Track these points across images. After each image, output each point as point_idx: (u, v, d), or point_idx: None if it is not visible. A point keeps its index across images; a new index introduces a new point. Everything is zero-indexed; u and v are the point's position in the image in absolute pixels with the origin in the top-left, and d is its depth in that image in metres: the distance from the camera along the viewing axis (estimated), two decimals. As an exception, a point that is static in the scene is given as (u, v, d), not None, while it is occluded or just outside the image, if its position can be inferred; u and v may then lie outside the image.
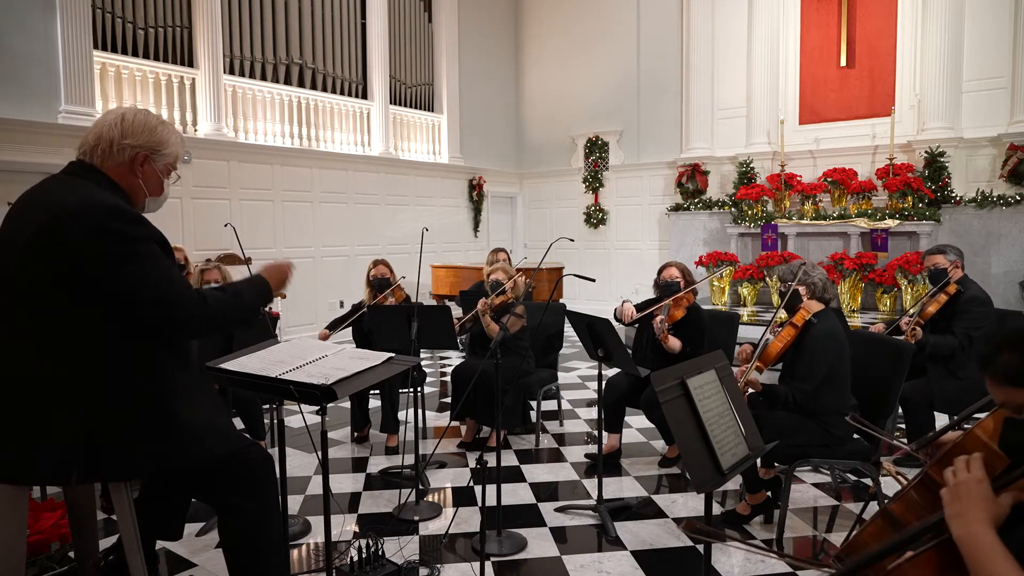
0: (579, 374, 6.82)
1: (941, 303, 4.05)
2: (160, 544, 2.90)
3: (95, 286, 1.71)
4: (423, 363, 5.10)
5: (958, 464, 1.26)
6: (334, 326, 4.72)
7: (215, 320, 1.85)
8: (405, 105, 10.09)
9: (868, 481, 3.69)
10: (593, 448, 4.40)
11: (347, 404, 4.85)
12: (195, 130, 7.48)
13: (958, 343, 3.86)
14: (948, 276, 4.07)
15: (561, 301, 6.28)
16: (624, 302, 4.28)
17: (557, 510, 3.45)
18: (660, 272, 4.29)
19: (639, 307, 4.26)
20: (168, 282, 1.77)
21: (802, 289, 3.25)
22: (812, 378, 3.06)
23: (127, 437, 1.74)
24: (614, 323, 3.55)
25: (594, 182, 10.95)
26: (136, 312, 1.75)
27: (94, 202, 1.74)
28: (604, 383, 3.88)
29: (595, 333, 3.35)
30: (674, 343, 4.00)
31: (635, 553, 2.99)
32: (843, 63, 8.69)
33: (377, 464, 4.20)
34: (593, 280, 3.56)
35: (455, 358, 7.63)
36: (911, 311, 4.22)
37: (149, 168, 1.92)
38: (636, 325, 4.34)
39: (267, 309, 4.65)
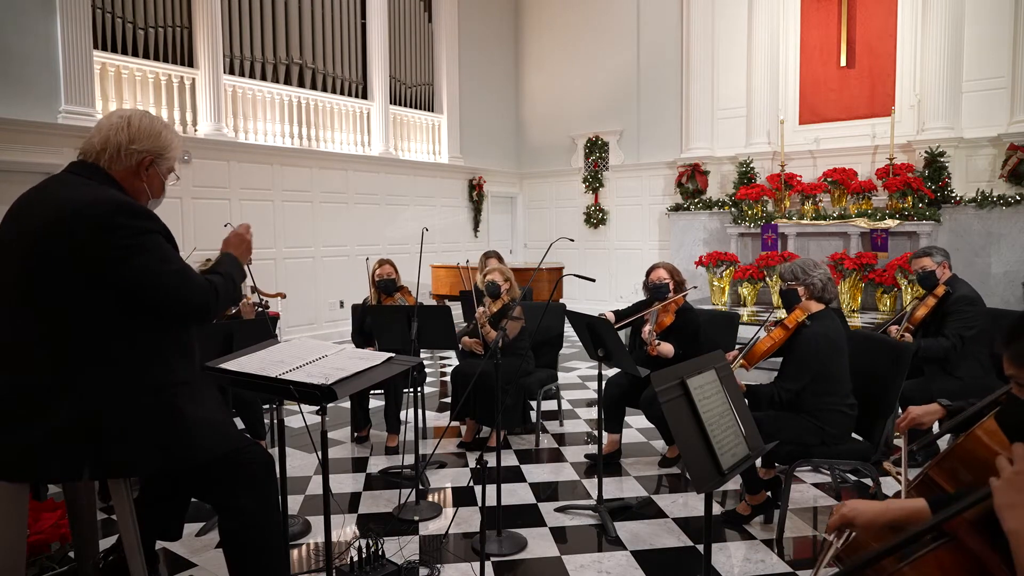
0: (579, 374, 6.82)
1: (930, 306, 4.02)
2: (160, 544, 2.89)
3: (106, 281, 1.73)
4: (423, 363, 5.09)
5: (1017, 451, 1.18)
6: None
7: (223, 304, 1.93)
8: (405, 105, 10.09)
9: (868, 481, 3.69)
10: (593, 448, 4.39)
11: (347, 404, 4.85)
12: (195, 130, 7.47)
13: (951, 344, 3.84)
14: (937, 279, 4.06)
15: (561, 301, 6.27)
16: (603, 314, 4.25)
17: (557, 510, 3.45)
18: (648, 274, 4.27)
19: (622, 314, 4.22)
20: (184, 271, 1.83)
21: (801, 289, 3.23)
22: (799, 379, 3.07)
23: (135, 432, 1.76)
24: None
25: (594, 182, 10.95)
26: (155, 301, 1.78)
27: (102, 198, 1.77)
28: (604, 383, 3.88)
29: (595, 333, 3.35)
30: (665, 349, 3.98)
31: (635, 553, 2.99)
32: (843, 63, 8.69)
33: (377, 464, 4.20)
34: (593, 280, 3.56)
35: (455, 358, 7.62)
36: (902, 315, 4.21)
37: (154, 171, 1.94)
38: (628, 330, 4.31)
39: (266, 308, 4.66)
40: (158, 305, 1.80)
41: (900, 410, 3.84)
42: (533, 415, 4.72)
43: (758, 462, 3.42)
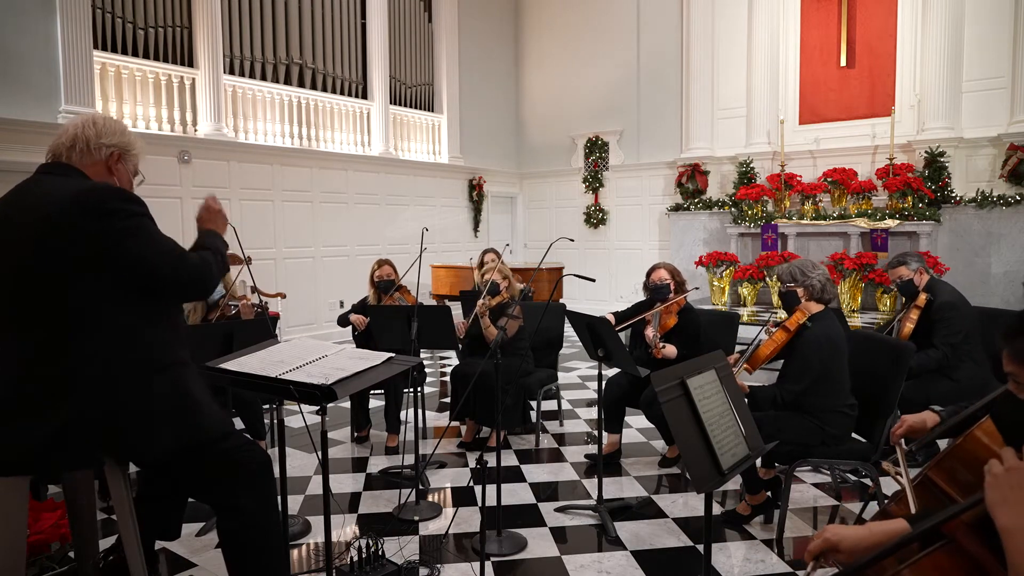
0: (579, 374, 6.82)
1: (915, 320, 4.00)
2: (160, 544, 2.90)
3: (104, 270, 1.76)
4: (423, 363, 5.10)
5: (1006, 453, 1.18)
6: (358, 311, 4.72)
7: (217, 276, 1.99)
8: (405, 105, 10.09)
9: (868, 481, 3.69)
10: (593, 448, 4.39)
11: (347, 404, 4.85)
12: (195, 130, 7.47)
13: (941, 355, 3.83)
14: (916, 286, 4.04)
15: (561, 301, 6.27)
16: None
17: (557, 510, 3.45)
18: (649, 274, 4.26)
19: (623, 315, 4.20)
20: (176, 248, 1.88)
21: (800, 291, 3.23)
22: (801, 380, 3.07)
23: (143, 416, 1.79)
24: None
25: (594, 182, 10.95)
26: (153, 282, 1.82)
27: (89, 187, 1.82)
28: (604, 383, 3.88)
29: (595, 333, 3.34)
30: (670, 351, 3.98)
31: (635, 553, 2.99)
32: (843, 63, 8.69)
33: (377, 464, 4.20)
34: (593, 280, 3.56)
35: (455, 358, 7.63)
36: (890, 330, 4.19)
37: (122, 167, 2.00)
38: (628, 330, 4.30)
39: (265, 308, 4.66)
40: (156, 285, 1.83)
41: (899, 411, 3.86)
42: (533, 415, 4.72)
43: (758, 462, 3.42)
